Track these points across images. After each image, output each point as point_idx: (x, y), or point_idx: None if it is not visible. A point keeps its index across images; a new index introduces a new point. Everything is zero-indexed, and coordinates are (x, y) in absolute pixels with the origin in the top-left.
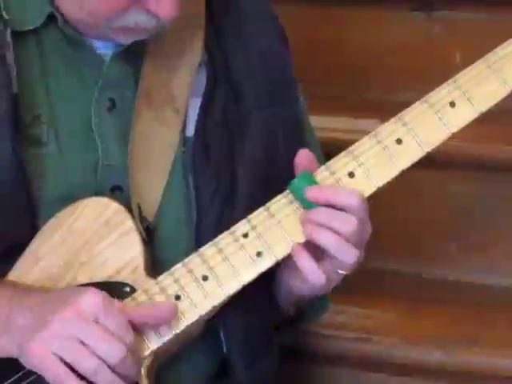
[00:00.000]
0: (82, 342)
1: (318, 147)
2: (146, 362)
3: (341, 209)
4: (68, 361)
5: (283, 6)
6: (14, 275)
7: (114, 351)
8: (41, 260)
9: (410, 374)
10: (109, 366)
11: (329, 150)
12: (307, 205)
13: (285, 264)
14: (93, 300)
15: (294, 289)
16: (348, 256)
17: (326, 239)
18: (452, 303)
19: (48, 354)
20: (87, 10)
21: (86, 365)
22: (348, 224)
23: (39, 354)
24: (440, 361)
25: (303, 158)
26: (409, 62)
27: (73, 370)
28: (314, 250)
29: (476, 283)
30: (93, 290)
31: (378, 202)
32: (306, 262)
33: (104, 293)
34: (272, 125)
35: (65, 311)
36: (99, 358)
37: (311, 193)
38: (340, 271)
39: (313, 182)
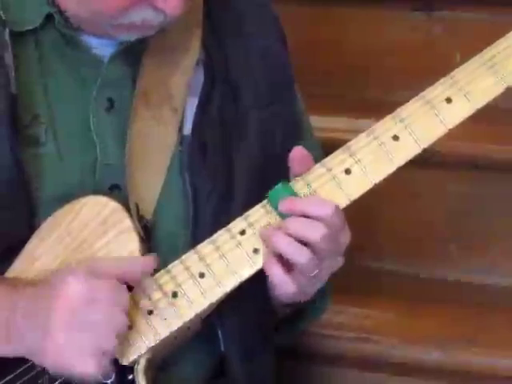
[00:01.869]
0: (95, 330)
1: (317, 146)
2: (143, 362)
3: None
4: (95, 352)
5: (283, 5)
6: (12, 274)
7: (122, 320)
8: (38, 259)
9: (408, 373)
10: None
11: (329, 150)
12: (281, 215)
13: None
14: (75, 285)
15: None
16: (300, 257)
17: (277, 243)
18: (451, 303)
19: (80, 358)
20: (93, 8)
21: (109, 347)
22: (316, 232)
23: (75, 362)
24: (439, 361)
25: (297, 154)
26: (409, 62)
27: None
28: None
29: (475, 283)
30: (71, 276)
31: (378, 203)
32: (274, 270)
33: (81, 270)
34: (270, 124)
35: (58, 312)
36: (117, 335)
37: (283, 205)
38: (313, 277)
39: (288, 192)
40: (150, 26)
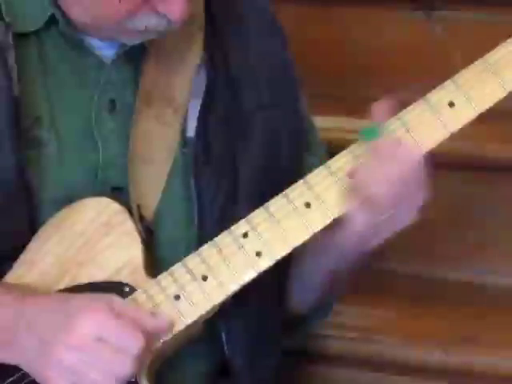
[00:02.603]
0: (91, 366)
1: (321, 146)
2: (145, 362)
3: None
4: None
5: (283, 5)
6: (13, 276)
7: (125, 369)
8: (40, 260)
9: (410, 373)
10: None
11: (329, 150)
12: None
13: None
14: (91, 320)
15: (346, 245)
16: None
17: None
18: (452, 303)
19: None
20: (93, 13)
21: None
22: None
23: None
24: (441, 360)
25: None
26: (409, 62)
27: None
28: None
29: (476, 283)
30: (91, 308)
31: None
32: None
33: (102, 305)
34: (274, 124)
35: (67, 338)
36: (116, 379)
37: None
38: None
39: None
40: (154, 31)
